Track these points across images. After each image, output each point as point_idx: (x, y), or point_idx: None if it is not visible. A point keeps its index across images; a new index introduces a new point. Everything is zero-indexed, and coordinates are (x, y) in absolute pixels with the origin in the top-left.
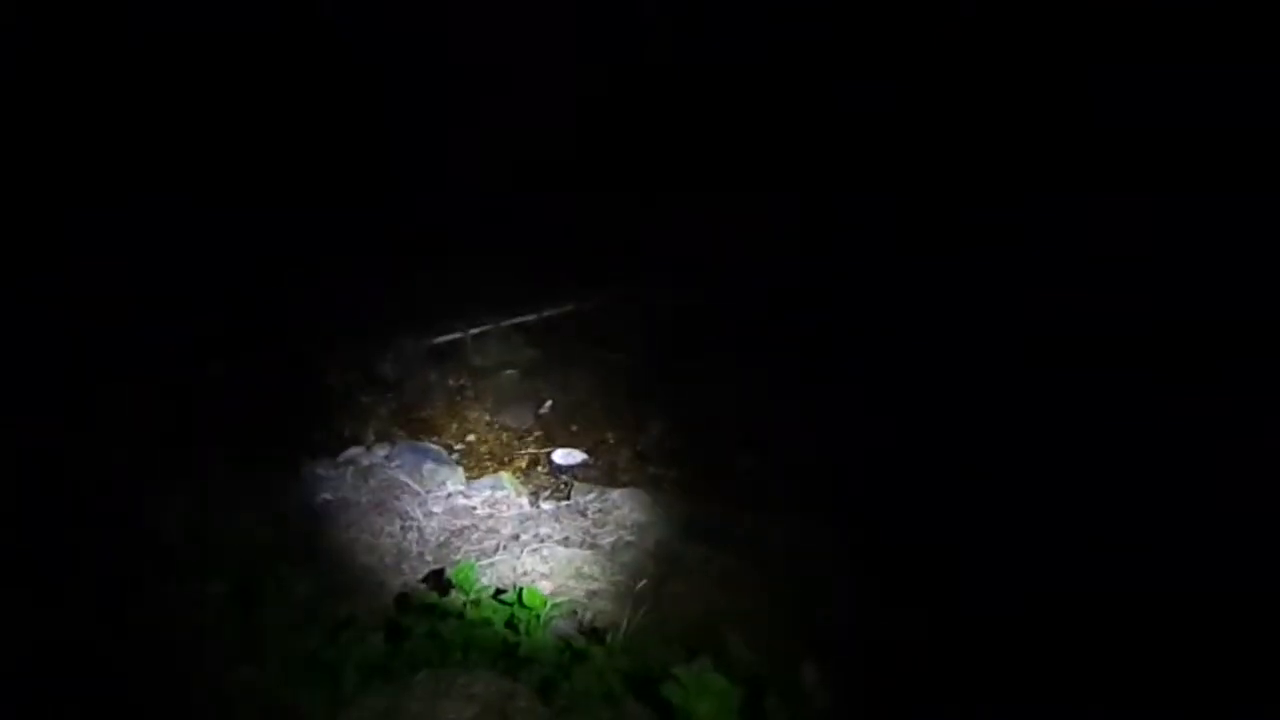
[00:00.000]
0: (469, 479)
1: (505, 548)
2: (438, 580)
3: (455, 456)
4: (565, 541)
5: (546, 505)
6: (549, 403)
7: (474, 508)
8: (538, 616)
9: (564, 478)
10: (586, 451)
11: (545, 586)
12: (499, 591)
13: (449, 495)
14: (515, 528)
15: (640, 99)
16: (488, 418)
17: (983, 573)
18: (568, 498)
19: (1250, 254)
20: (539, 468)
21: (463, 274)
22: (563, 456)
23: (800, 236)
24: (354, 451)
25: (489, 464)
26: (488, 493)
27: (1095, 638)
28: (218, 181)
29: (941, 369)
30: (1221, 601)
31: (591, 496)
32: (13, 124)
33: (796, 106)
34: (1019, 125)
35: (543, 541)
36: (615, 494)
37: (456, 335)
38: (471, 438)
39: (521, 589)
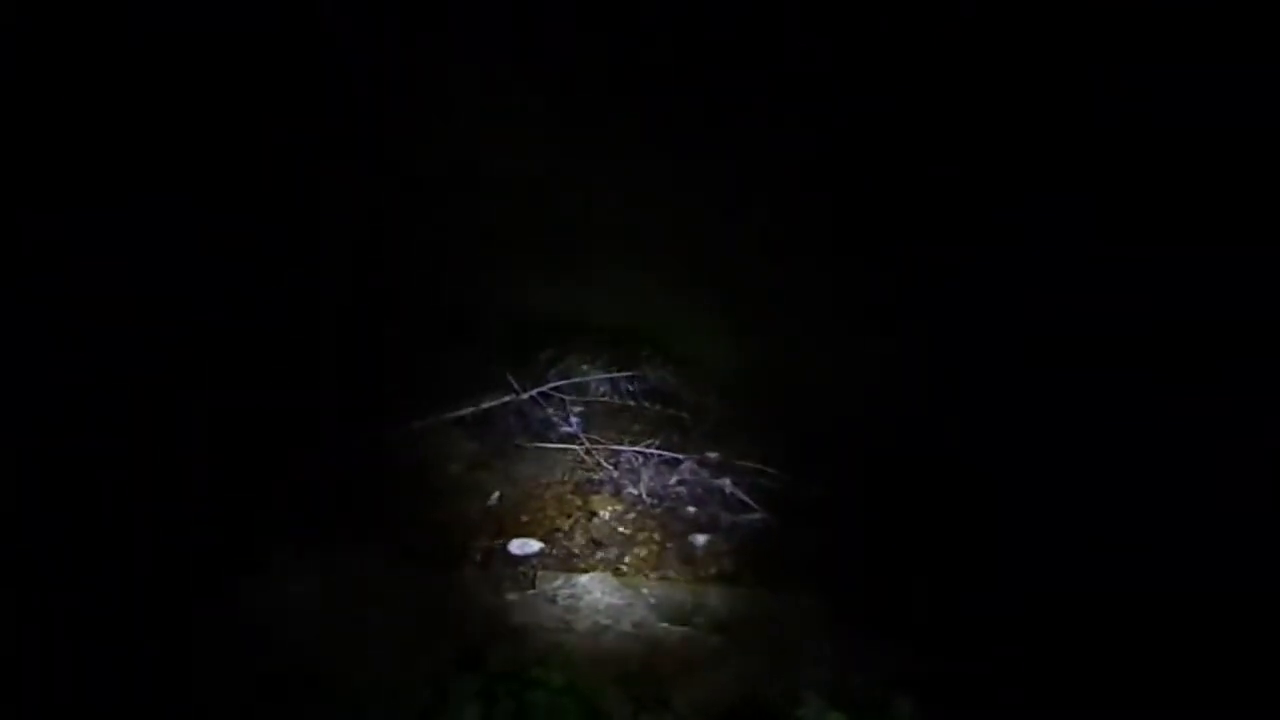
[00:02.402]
0: None
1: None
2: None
3: None
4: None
5: (512, 595)
6: (497, 494)
7: None
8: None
9: (522, 568)
10: (541, 540)
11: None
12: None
13: None
14: None
15: None
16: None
17: (983, 573)
18: (533, 586)
19: (1250, 254)
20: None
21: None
22: (518, 546)
23: (797, 238)
24: None
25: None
26: None
27: (1095, 638)
28: (218, 182)
29: (940, 368)
30: (1221, 602)
31: (558, 584)
32: (13, 124)
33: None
34: (1019, 125)
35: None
36: (582, 579)
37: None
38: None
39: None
